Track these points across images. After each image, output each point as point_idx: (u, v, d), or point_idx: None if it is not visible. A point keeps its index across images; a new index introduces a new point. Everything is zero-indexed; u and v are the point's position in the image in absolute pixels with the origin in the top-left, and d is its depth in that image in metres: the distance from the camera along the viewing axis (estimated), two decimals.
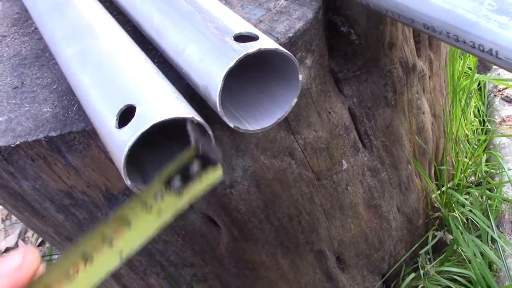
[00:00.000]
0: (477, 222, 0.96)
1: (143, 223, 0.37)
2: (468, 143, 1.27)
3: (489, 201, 1.10)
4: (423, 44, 0.86)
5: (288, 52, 0.47)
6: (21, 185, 0.67)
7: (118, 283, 0.88)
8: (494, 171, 1.13)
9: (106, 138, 0.48)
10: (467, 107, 1.33)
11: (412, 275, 0.99)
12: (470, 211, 0.97)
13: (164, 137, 0.51)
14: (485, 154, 1.13)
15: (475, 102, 1.41)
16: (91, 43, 0.57)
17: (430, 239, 1.05)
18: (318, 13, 0.63)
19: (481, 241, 0.97)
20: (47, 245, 1.63)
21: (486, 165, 1.20)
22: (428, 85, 0.93)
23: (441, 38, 0.48)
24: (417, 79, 0.86)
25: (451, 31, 0.46)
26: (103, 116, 0.48)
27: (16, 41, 0.77)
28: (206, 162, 0.37)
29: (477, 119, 1.38)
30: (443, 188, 1.05)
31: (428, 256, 1.06)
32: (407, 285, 0.98)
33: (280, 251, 0.85)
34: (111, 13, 0.68)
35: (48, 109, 0.62)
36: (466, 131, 1.30)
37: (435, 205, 1.07)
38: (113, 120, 0.46)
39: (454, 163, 1.12)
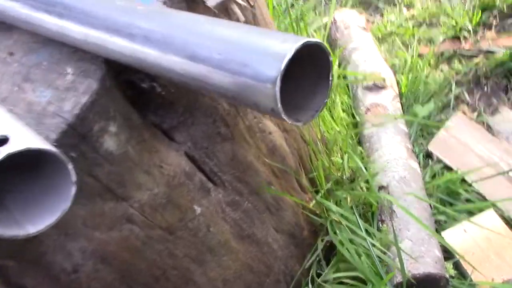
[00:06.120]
0: (348, 223, 0.98)
1: None
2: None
3: (366, 192, 1.14)
4: None
5: (43, 147, 0.45)
6: None
7: None
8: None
9: None
10: (333, 104, 1.37)
11: None
12: (342, 214, 1.00)
13: None
14: (350, 150, 1.16)
15: (341, 98, 1.45)
16: None
17: (319, 246, 1.07)
18: (104, 81, 0.62)
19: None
20: None
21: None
22: None
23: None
24: None
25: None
26: None
27: None
28: None
29: (345, 113, 1.42)
30: (319, 194, 1.07)
31: (322, 262, 1.07)
32: None
33: None
34: None
35: None
36: (337, 128, 1.33)
37: (317, 212, 1.08)
38: None
39: (326, 166, 1.14)
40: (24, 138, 0.46)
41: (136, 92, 0.70)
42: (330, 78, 0.45)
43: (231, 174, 0.86)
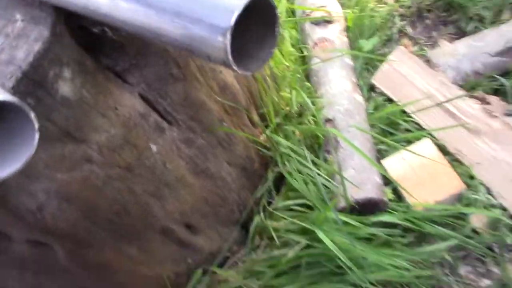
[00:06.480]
0: (296, 155, 1.05)
1: None
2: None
3: (313, 126, 1.20)
4: None
5: (3, 98, 0.47)
6: None
7: None
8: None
9: None
10: (281, 39, 1.40)
11: (257, 218, 1.07)
12: (290, 147, 1.06)
13: None
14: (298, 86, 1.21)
15: (289, 33, 1.48)
16: None
17: (270, 176, 1.14)
18: (55, 28, 0.63)
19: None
20: None
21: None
22: None
23: None
24: None
25: None
26: None
27: None
28: None
29: (294, 48, 1.45)
30: (269, 129, 1.12)
31: (273, 192, 1.14)
32: (256, 226, 1.07)
33: (124, 243, 0.88)
34: None
35: None
36: (286, 63, 1.37)
37: (267, 145, 1.14)
38: None
39: (276, 101, 1.19)
40: None
41: (88, 37, 0.71)
42: (277, 30, 0.48)
43: (184, 113, 0.89)
